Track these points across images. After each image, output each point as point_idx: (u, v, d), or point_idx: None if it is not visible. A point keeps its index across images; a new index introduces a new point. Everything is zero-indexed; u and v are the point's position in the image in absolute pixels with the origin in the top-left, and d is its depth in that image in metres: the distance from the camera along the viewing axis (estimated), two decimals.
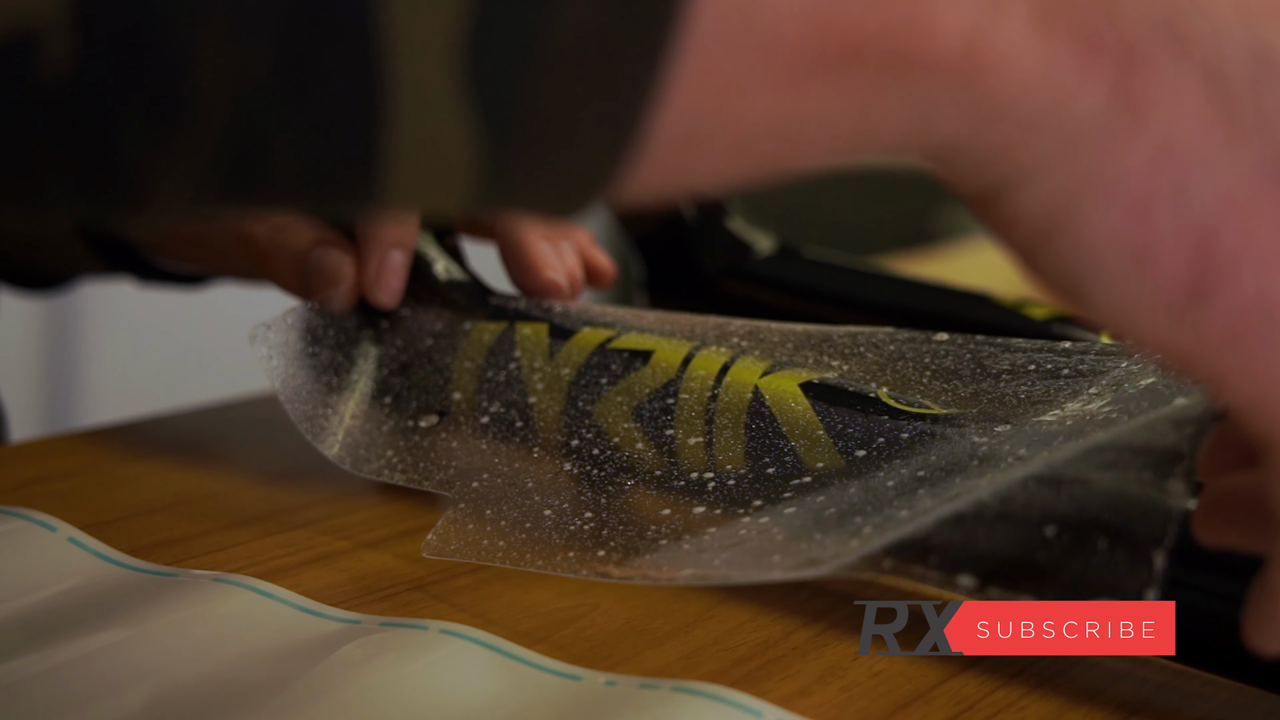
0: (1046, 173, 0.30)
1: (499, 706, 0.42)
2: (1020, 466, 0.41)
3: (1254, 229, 0.30)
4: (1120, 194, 0.30)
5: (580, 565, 0.47)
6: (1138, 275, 0.30)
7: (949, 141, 0.30)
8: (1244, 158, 0.30)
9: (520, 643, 0.45)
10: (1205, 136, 0.30)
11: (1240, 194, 0.30)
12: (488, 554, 0.49)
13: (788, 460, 0.49)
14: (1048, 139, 0.30)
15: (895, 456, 0.47)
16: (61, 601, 0.47)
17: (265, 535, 0.54)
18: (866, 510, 0.44)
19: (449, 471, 0.55)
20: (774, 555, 0.44)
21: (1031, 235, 0.31)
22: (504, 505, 0.52)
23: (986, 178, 0.31)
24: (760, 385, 0.51)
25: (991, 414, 0.47)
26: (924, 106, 0.29)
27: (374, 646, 0.44)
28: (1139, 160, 0.30)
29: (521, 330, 0.57)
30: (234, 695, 0.41)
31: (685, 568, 0.45)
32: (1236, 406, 0.32)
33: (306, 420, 0.57)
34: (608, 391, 0.54)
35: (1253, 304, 0.30)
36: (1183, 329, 0.31)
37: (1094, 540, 0.38)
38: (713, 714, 0.41)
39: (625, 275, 0.74)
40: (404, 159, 0.27)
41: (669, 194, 0.30)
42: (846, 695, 0.44)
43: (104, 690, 0.41)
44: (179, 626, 0.45)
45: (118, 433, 0.67)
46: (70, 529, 0.52)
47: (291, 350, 0.58)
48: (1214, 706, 0.44)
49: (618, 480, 0.53)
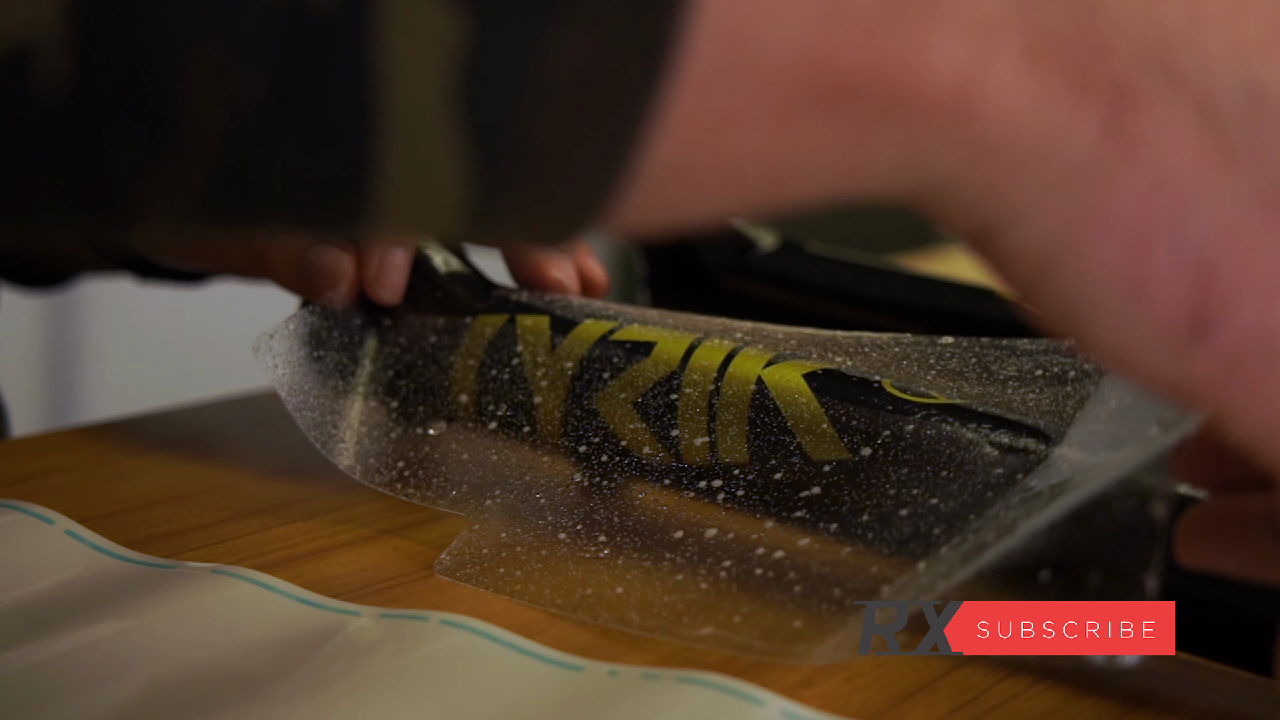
0: (1040, 210, 0.30)
1: (500, 697, 0.41)
2: (1023, 510, 0.41)
3: (1252, 260, 0.30)
4: (1116, 229, 0.30)
5: (600, 609, 0.46)
6: (1137, 310, 0.30)
7: (940, 180, 0.30)
8: (1239, 190, 0.30)
9: (522, 634, 0.44)
10: (1200, 170, 0.30)
11: (1237, 226, 0.30)
12: (504, 584, 0.48)
13: (795, 462, 0.49)
14: (1040, 176, 0.29)
15: (903, 454, 0.46)
16: (58, 593, 0.46)
17: (264, 529, 0.54)
18: (882, 551, 0.44)
19: (462, 489, 0.54)
20: (795, 621, 0.44)
21: (1029, 273, 0.31)
22: (518, 527, 0.51)
23: (980, 217, 0.30)
24: (764, 376, 0.50)
25: (995, 402, 0.47)
26: (915, 144, 0.29)
27: (374, 637, 0.44)
28: (1133, 195, 0.30)
29: (523, 323, 0.57)
30: (232, 685, 0.41)
31: (705, 625, 0.45)
32: (1243, 439, 0.32)
33: (315, 428, 0.57)
34: (610, 385, 0.53)
35: (1254, 336, 0.30)
36: (1184, 363, 0.30)
37: (1086, 576, 0.39)
38: (716, 703, 0.40)
39: (628, 271, 0.73)
40: (395, 188, 0.27)
41: (658, 227, 0.30)
42: (851, 685, 0.43)
43: (101, 679, 0.41)
44: (177, 618, 0.45)
45: (117, 428, 0.66)
46: (68, 522, 0.51)
47: (296, 357, 0.58)
48: (1222, 697, 0.44)
49: (628, 494, 0.53)
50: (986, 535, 0.41)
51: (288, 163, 0.26)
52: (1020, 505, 0.42)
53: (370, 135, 0.26)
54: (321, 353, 0.59)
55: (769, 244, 0.76)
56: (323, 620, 0.45)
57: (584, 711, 0.40)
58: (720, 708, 0.40)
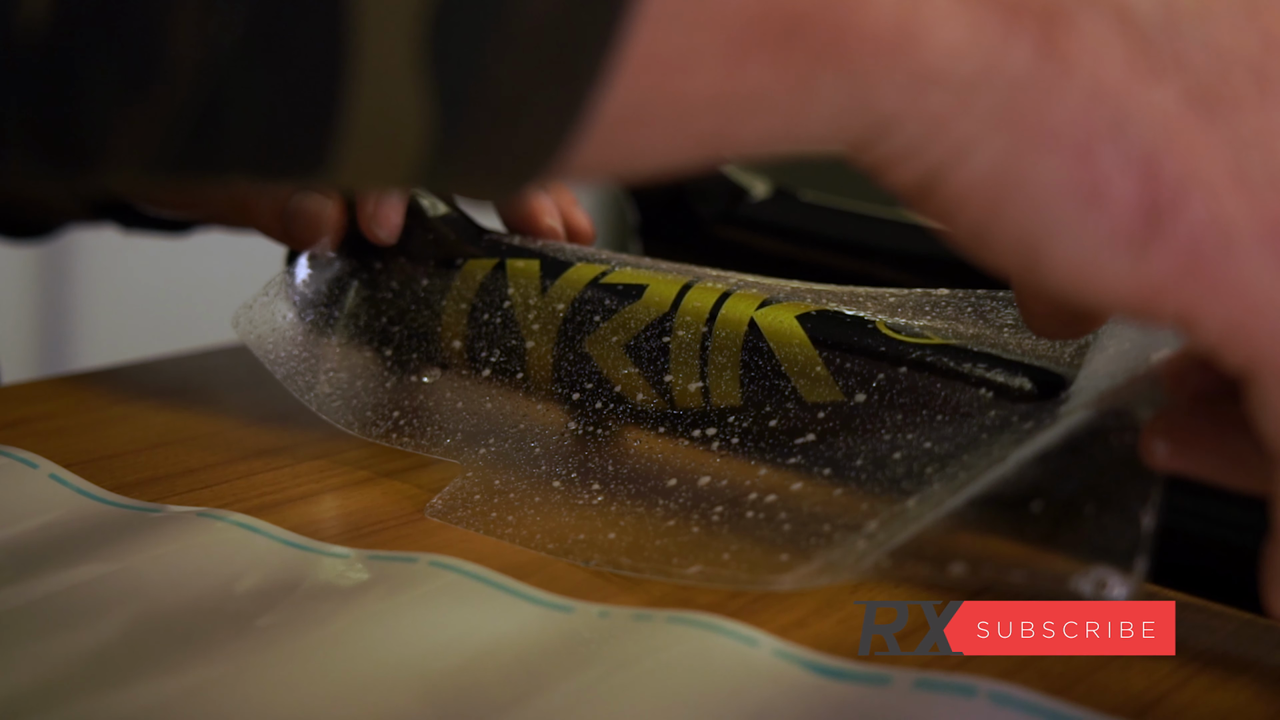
0: (985, 139, 0.31)
1: (490, 638, 0.40)
2: (1017, 447, 0.41)
3: (1193, 159, 0.31)
4: (1061, 143, 0.30)
5: (592, 553, 0.46)
6: (1092, 216, 0.31)
7: (885, 120, 0.30)
8: (1169, 94, 0.31)
9: (512, 576, 0.44)
10: (1131, 77, 0.31)
11: (1174, 126, 0.31)
12: (496, 528, 0.48)
13: (789, 407, 0.48)
14: (982, 103, 0.30)
15: (897, 397, 0.46)
16: (41, 535, 0.46)
17: (251, 474, 0.53)
18: (874, 491, 0.44)
19: (456, 437, 0.54)
20: (782, 554, 0.44)
21: (979, 211, 0.31)
22: (512, 475, 0.51)
23: (925, 159, 0.31)
24: (756, 318, 0.50)
25: (990, 344, 0.46)
26: (860, 83, 0.30)
27: (362, 579, 0.43)
28: (1073, 108, 0.30)
29: (514, 266, 0.56)
30: (217, 626, 0.40)
31: (694, 563, 0.44)
32: (1209, 342, 0.32)
33: (308, 391, 0.56)
34: (601, 328, 0.52)
35: (1206, 228, 0.31)
36: (1143, 266, 0.31)
37: (1081, 508, 0.38)
38: (708, 643, 0.40)
39: (620, 221, 0.73)
40: (359, 130, 0.27)
41: (608, 174, 0.31)
42: (845, 626, 0.43)
43: (84, 620, 0.40)
44: (161, 560, 0.44)
45: (104, 376, 0.66)
46: (52, 465, 0.51)
47: (279, 323, 0.57)
48: (1221, 638, 0.43)
49: (623, 442, 0.52)
50: (978, 470, 0.41)
51: (257, 103, 0.27)
52: (1013, 444, 0.42)
53: (339, 79, 0.27)
54: (308, 311, 0.58)
55: (761, 193, 0.75)
56: (310, 562, 0.45)
57: (574, 652, 0.40)
58: (712, 648, 0.40)
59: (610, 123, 0.29)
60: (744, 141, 0.31)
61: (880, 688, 0.38)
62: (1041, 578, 0.39)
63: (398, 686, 0.38)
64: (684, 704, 0.37)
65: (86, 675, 0.37)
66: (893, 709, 0.37)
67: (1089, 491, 0.38)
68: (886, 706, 0.37)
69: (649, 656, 0.39)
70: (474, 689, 0.38)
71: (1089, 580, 0.37)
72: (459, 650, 0.40)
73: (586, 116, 0.28)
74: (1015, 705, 0.37)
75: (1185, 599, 0.45)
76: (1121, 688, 0.40)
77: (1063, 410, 0.42)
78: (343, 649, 0.39)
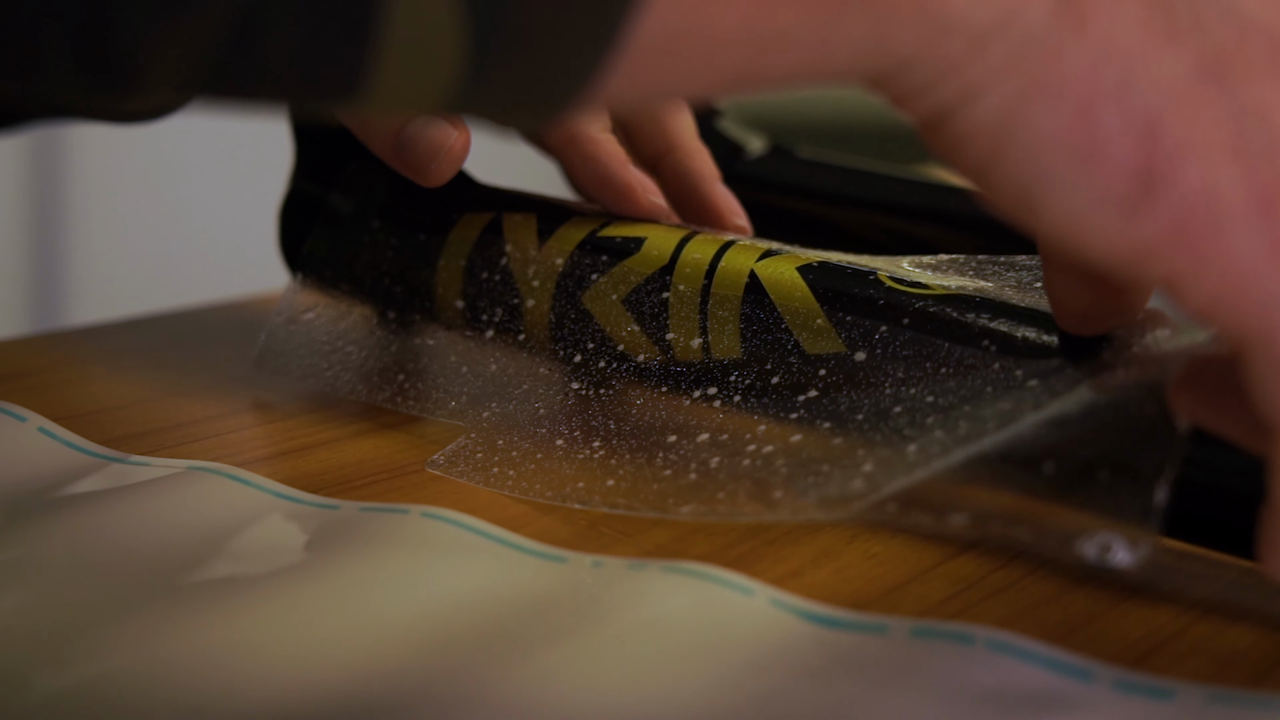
0: (993, 85, 0.31)
1: (483, 589, 0.40)
2: (1028, 406, 0.40)
3: (1194, 126, 0.31)
4: (1066, 96, 0.31)
5: (591, 495, 0.46)
6: (1087, 173, 0.31)
7: (903, 61, 0.31)
8: (1181, 58, 0.32)
9: (506, 527, 0.43)
10: (1144, 38, 0.31)
11: (1180, 91, 0.31)
12: (497, 481, 0.48)
13: (792, 361, 0.47)
14: (996, 50, 0.31)
15: (900, 350, 0.45)
16: (29, 488, 0.45)
17: (242, 429, 0.53)
18: (875, 439, 0.43)
19: (461, 400, 0.53)
20: (776, 491, 0.44)
21: (982, 150, 0.32)
22: (515, 435, 0.51)
23: (937, 97, 0.32)
24: (756, 270, 0.49)
25: (995, 294, 0.46)
26: (882, 25, 0.30)
27: (354, 529, 0.43)
28: (1082, 64, 0.31)
29: (510, 219, 0.55)
30: (207, 578, 0.40)
31: (688, 502, 0.44)
32: (1198, 306, 0.32)
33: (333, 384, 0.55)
34: (600, 282, 0.52)
35: (1199, 197, 0.31)
36: (1134, 226, 0.31)
37: (1094, 473, 0.38)
38: (704, 593, 0.39)
39: None
40: (395, 53, 0.28)
41: (639, 102, 0.32)
42: (841, 576, 0.42)
43: (71, 573, 0.40)
44: (151, 513, 0.44)
45: (94, 333, 0.65)
46: (40, 419, 0.50)
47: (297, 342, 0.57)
48: (1219, 587, 0.43)
49: (626, 401, 0.52)
50: (981, 420, 0.40)
51: (294, 24, 0.27)
52: (1017, 397, 0.41)
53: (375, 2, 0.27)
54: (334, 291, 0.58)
55: (758, 149, 0.74)
56: (301, 514, 0.44)
57: (568, 601, 0.39)
58: (707, 597, 0.39)
59: (642, 52, 0.29)
60: (769, 76, 0.31)
61: (877, 636, 0.38)
62: (1047, 536, 0.38)
63: (389, 637, 0.37)
64: (679, 653, 0.37)
65: (73, 628, 0.37)
66: (890, 657, 0.37)
67: (1104, 458, 0.38)
68: (883, 655, 0.37)
69: (644, 606, 0.39)
70: (467, 640, 0.37)
71: (1094, 544, 0.37)
72: (451, 600, 0.39)
73: (619, 45, 0.29)
74: (1013, 653, 0.36)
75: (1184, 548, 0.44)
76: (1120, 635, 0.39)
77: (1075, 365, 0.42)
78: (333, 600, 0.39)
